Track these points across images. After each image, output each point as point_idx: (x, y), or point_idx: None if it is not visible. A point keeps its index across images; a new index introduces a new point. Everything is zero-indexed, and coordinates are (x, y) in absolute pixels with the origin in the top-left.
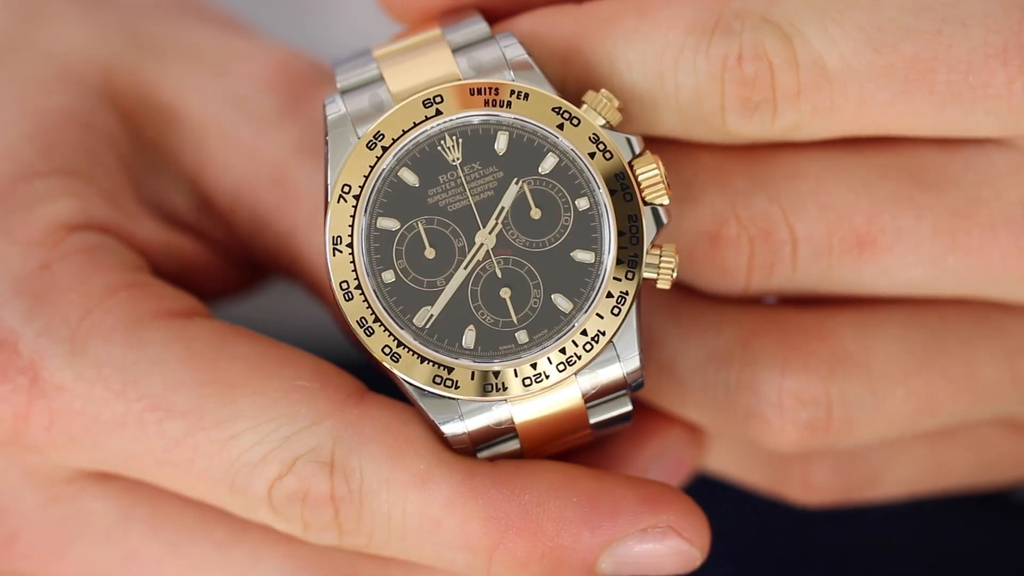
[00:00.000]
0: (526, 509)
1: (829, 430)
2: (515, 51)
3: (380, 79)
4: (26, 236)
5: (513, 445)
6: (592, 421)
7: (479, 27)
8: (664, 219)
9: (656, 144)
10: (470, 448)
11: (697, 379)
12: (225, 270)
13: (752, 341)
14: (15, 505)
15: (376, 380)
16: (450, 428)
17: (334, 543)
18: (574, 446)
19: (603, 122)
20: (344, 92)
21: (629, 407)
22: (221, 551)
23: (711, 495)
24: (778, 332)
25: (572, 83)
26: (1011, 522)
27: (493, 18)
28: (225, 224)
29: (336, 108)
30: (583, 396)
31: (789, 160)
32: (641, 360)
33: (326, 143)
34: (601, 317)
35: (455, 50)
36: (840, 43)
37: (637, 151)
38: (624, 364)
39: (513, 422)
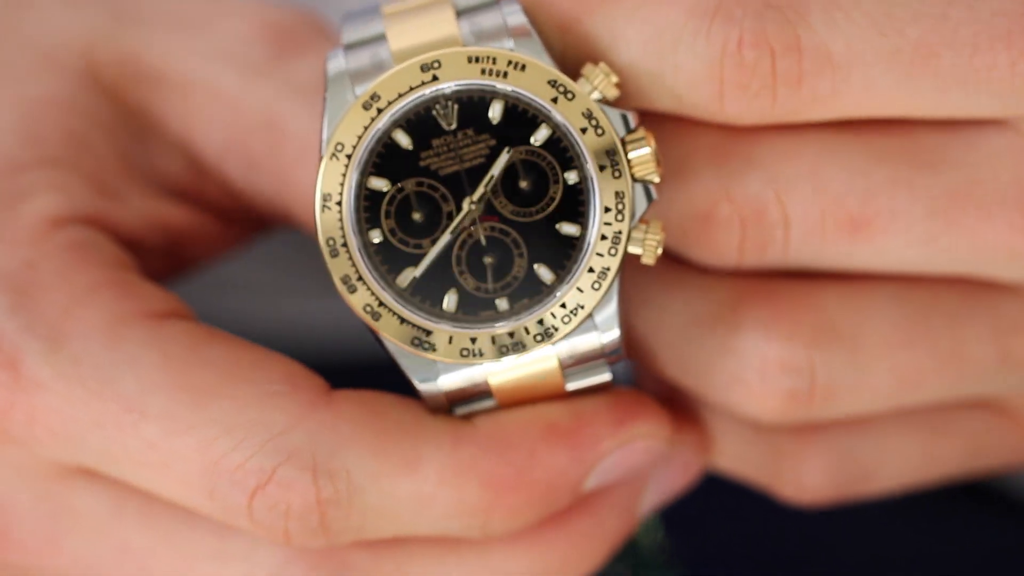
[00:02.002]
0: (518, 467)
1: (811, 400)
2: (517, 19)
3: (383, 37)
4: (11, 233)
5: (489, 403)
6: (569, 388)
7: None
8: (654, 195)
9: (653, 119)
10: (445, 406)
11: (682, 340)
12: (221, 231)
13: (739, 307)
14: (8, 499)
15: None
16: (426, 387)
17: (320, 546)
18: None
19: (599, 96)
20: (348, 47)
21: (608, 377)
22: (216, 538)
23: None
24: (766, 299)
25: (572, 54)
26: (1008, 517)
27: None
28: (219, 180)
29: (337, 64)
30: (560, 363)
31: (785, 141)
32: (621, 333)
33: (324, 97)
34: (581, 291)
35: (459, 13)
36: (845, 28)
37: (632, 126)
38: (603, 335)
39: (488, 384)
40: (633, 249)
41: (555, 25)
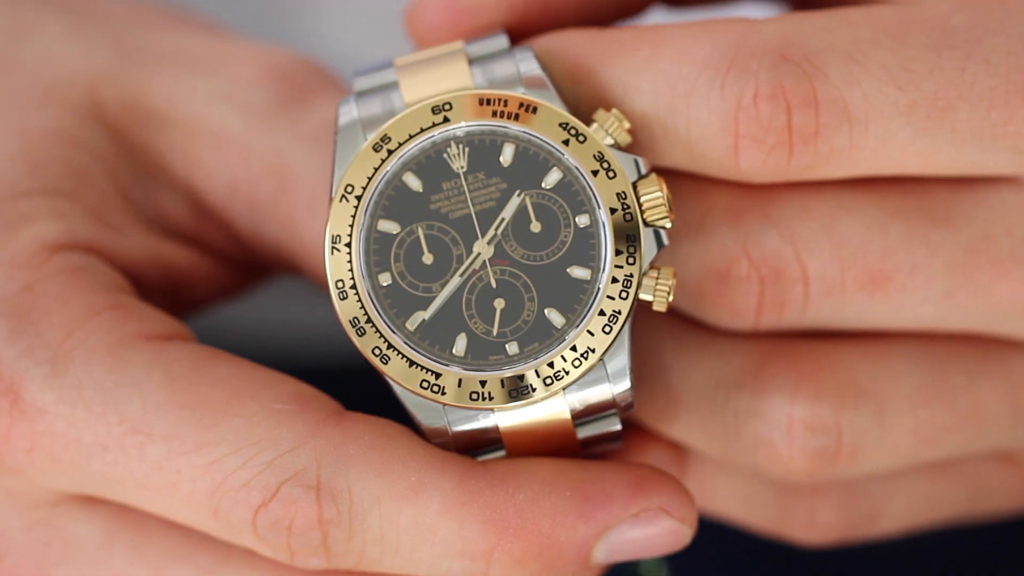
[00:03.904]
0: (521, 508)
1: (837, 460)
2: (529, 66)
3: (395, 85)
4: (9, 257)
5: (498, 454)
6: (580, 437)
7: (498, 41)
8: (665, 241)
9: (667, 176)
10: (452, 448)
11: (706, 405)
12: (222, 275)
13: (763, 369)
14: (1, 526)
15: (355, 396)
16: (431, 425)
17: (322, 567)
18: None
19: (611, 141)
20: (359, 95)
21: (618, 426)
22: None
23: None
24: (789, 361)
25: (585, 105)
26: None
27: (517, 37)
28: (223, 224)
29: (348, 110)
30: (571, 413)
31: (802, 198)
32: (632, 382)
33: (335, 143)
34: (592, 335)
35: (472, 62)
36: (863, 82)
37: (643, 172)
38: (614, 385)
39: (499, 431)
40: (644, 296)
41: (568, 75)
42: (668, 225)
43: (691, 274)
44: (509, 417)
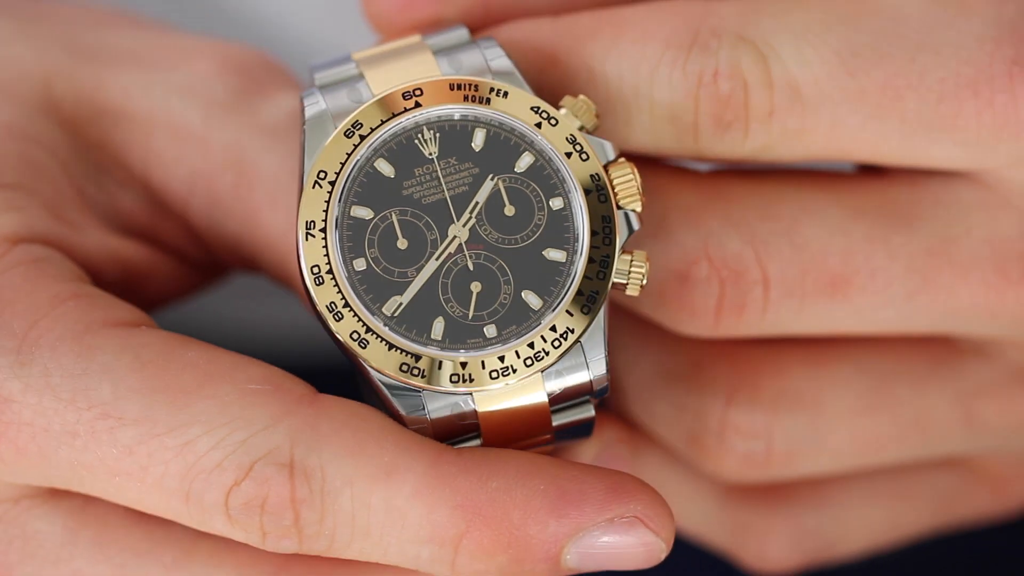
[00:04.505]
0: (493, 496)
1: (768, 464)
2: (496, 56)
3: (360, 77)
4: None
5: (475, 443)
6: (555, 423)
7: (459, 33)
8: (635, 225)
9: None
10: (430, 436)
11: (646, 392)
12: (179, 273)
13: (703, 367)
14: None
15: (327, 387)
16: (414, 415)
17: (294, 550)
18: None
19: (580, 125)
20: (323, 88)
21: (592, 412)
22: (170, 574)
23: None
24: (730, 362)
25: (548, 93)
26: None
27: (473, 30)
28: (180, 220)
29: (315, 102)
30: (548, 398)
31: (764, 200)
32: (607, 366)
33: (303, 132)
34: (571, 315)
35: (436, 52)
36: (815, 66)
37: (612, 156)
38: (591, 369)
39: (477, 416)
40: (618, 279)
41: (532, 64)
42: (639, 208)
43: (652, 276)
44: (488, 401)
